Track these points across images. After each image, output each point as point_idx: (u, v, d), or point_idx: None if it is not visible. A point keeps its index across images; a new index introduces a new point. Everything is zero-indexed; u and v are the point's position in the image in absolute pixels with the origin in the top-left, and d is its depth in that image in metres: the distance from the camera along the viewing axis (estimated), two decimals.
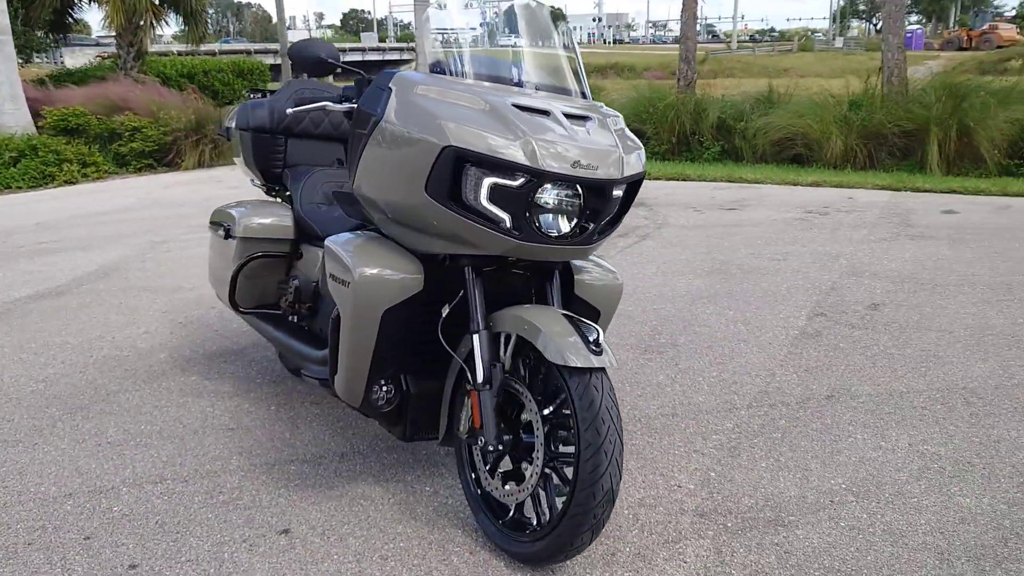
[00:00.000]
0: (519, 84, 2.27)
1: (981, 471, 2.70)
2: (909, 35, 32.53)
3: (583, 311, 2.40)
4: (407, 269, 2.28)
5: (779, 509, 2.49)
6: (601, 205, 2.17)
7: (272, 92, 3.65)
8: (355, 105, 2.43)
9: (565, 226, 2.15)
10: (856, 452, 2.85)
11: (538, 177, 2.07)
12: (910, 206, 7.60)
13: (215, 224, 3.42)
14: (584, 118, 2.22)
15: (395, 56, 51.50)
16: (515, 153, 2.05)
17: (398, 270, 2.27)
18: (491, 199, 2.08)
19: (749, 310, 4.48)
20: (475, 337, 2.23)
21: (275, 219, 3.23)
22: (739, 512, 2.48)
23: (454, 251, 2.22)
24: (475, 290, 2.25)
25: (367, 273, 2.25)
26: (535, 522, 2.22)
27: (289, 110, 2.54)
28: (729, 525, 2.41)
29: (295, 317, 3.12)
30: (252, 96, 3.74)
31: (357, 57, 46.23)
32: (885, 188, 8.71)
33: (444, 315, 2.33)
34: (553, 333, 2.09)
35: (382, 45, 58.45)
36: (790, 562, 2.22)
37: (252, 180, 3.67)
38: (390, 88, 2.23)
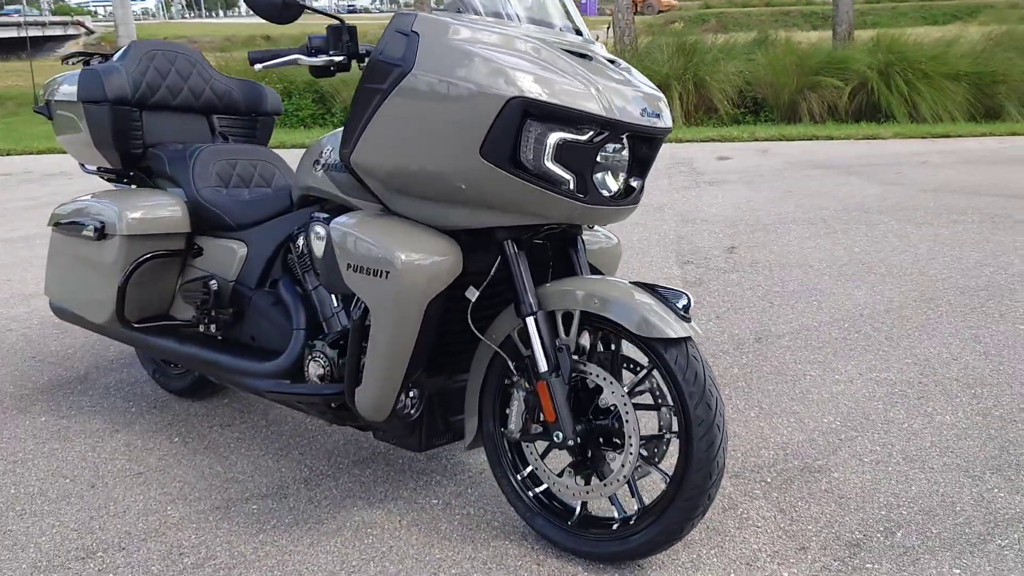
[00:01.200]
0: (511, 19, 1.97)
1: (936, 389, 2.88)
2: (584, 1, 34.43)
3: None
4: (445, 250, 1.91)
5: (802, 456, 2.46)
6: (646, 158, 1.96)
7: (106, 57, 2.95)
8: (335, 58, 1.99)
9: (613, 184, 1.91)
10: (823, 388, 2.91)
11: (611, 129, 1.81)
12: (685, 155, 8.09)
13: (68, 225, 2.71)
14: (614, 61, 1.99)
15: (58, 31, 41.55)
16: (590, 103, 1.78)
17: (438, 252, 1.89)
18: (556, 158, 1.80)
19: (622, 264, 4.46)
20: (530, 321, 1.93)
21: (166, 210, 2.62)
22: (769, 466, 2.42)
23: (497, 222, 1.89)
24: (520, 266, 1.95)
25: (412, 259, 1.86)
26: (621, 515, 1.99)
27: (258, 67, 2.02)
28: (770, 480, 2.34)
29: (212, 326, 2.56)
30: (73, 63, 3.02)
31: None
32: None
33: (473, 299, 2.00)
34: (634, 304, 1.86)
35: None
36: (851, 506, 2.20)
37: (86, 166, 2.97)
38: (415, 32, 1.83)
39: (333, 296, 2.33)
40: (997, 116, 10.48)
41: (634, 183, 1.95)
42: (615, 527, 1.97)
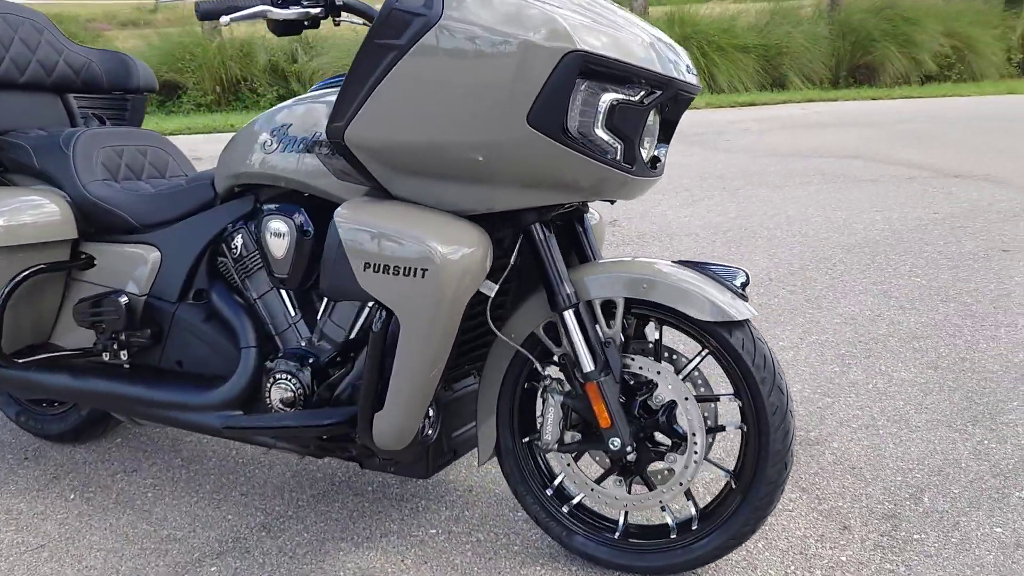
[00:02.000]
0: None
1: (878, 346, 2.92)
2: None
3: None
4: (477, 239, 1.60)
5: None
6: (674, 122, 1.76)
7: None
8: (311, 9, 1.61)
9: (646, 153, 1.69)
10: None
11: (663, 88, 1.58)
12: None
13: None
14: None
15: None
16: (648, 58, 1.54)
17: (471, 242, 1.58)
18: (606, 123, 1.55)
19: None
20: (569, 315, 1.67)
21: (41, 213, 2.07)
22: None
23: (529, 203, 1.61)
24: (552, 252, 1.68)
25: (452, 252, 1.53)
26: (677, 520, 1.79)
27: (225, 19, 1.58)
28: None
29: (122, 353, 2.07)
30: None
31: None
32: None
33: (492, 295, 1.71)
34: (689, 286, 1.66)
35: None
36: (867, 476, 2.14)
37: None
38: None
39: (288, 304, 1.94)
40: (783, 86, 11.29)
41: (660, 151, 1.74)
42: (675, 535, 1.77)
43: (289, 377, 1.86)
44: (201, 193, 2.06)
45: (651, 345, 1.76)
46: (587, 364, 1.67)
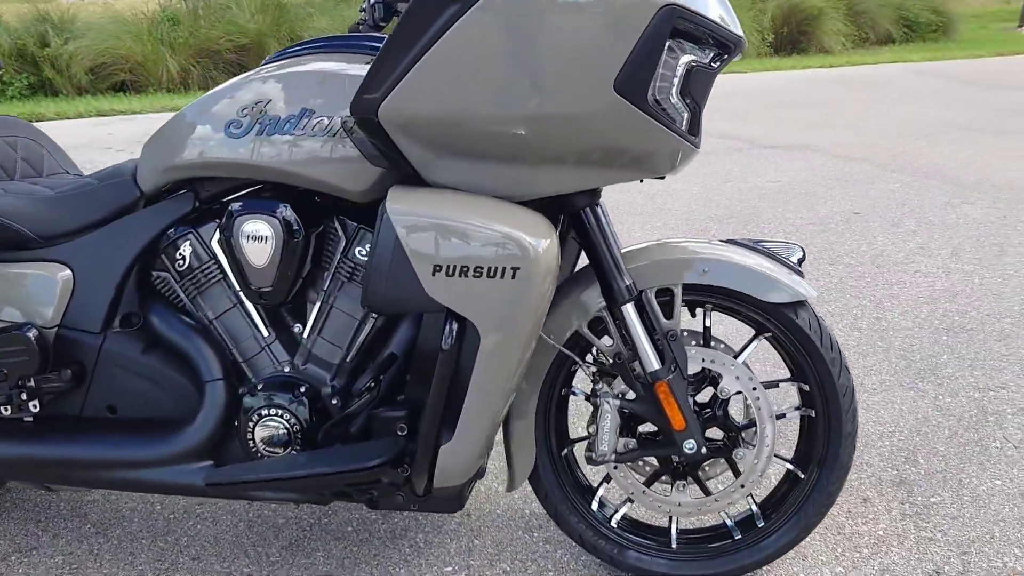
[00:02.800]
0: None
1: (827, 312, 2.96)
2: None
3: None
4: (550, 229, 1.36)
5: None
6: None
7: None
8: None
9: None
10: None
11: (732, 49, 1.42)
12: None
13: None
14: None
15: None
16: (722, 13, 1.37)
17: (547, 234, 1.34)
18: (680, 89, 1.37)
19: None
20: (629, 308, 1.48)
21: None
22: None
23: (592, 183, 1.40)
24: (606, 239, 1.48)
25: (540, 245, 1.28)
26: (736, 518, 1.65)
27: None
28: None
29: (32, 403, 1.60)
30: None
31: None
32: None
33: None
34: (749, 266, 1.53)
35: None
36: (858, 444, 2.14)
37: None
38: None
39: (257, 323, 1.59)
40: None
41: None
42: (738, 535, 1.64)
43: (280, 412, 1.52)
44: (120, 193, 1.63)
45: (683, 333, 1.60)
46: (653, 362, 1.49)
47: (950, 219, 3.96)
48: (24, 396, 1.58)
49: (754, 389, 1.55)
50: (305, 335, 1.57)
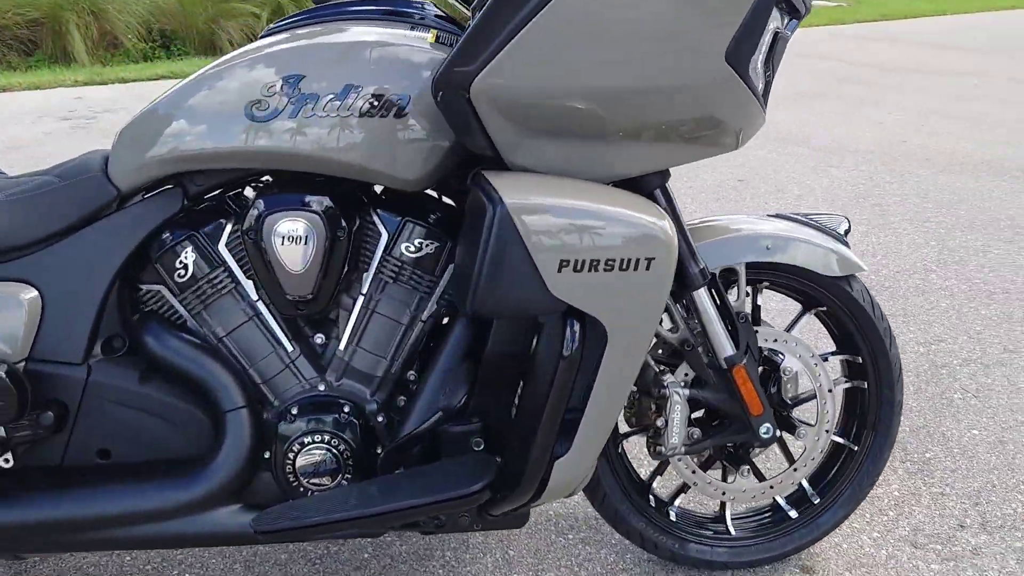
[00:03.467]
0: None
1: None
2: None
3: None
4: (663, 214, 1.24)
5: None
6: None
7: None
8: None
9: None
10: None
11: (801, 14, 1.36)
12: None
13: None
14: None
15: None
16: None
17: (665, 219, 1.22)
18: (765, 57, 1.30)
19: None
20: (701, 293, 1.40)
21: None
22: None
23: (677, 161, 1.30)
24: (680, 221, 1.39)
25: (670, 234, 1.16)
26: (786, 496, 1.62)
27: None
28: None
29: (3, 458, 1.30)
30: None
31: None
32: (46, 87, 7.41)
33: None
34: (808, 240, 1.50)
35: None
36: None
37: None
38: None
39: (280, 337, 1.37)
40: None
41: None
42: (795, 514, 1.61)
43: (325, 438, 1.32)
44: (90, 193, 1.35)
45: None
46: (727, 347, 1.42)
47: (825, 183, 4.18)
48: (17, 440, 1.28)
49: (816, 365, 1.52)
50: (341, 347, 1.37)
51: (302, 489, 1.35)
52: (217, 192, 1.39)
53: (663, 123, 1.20)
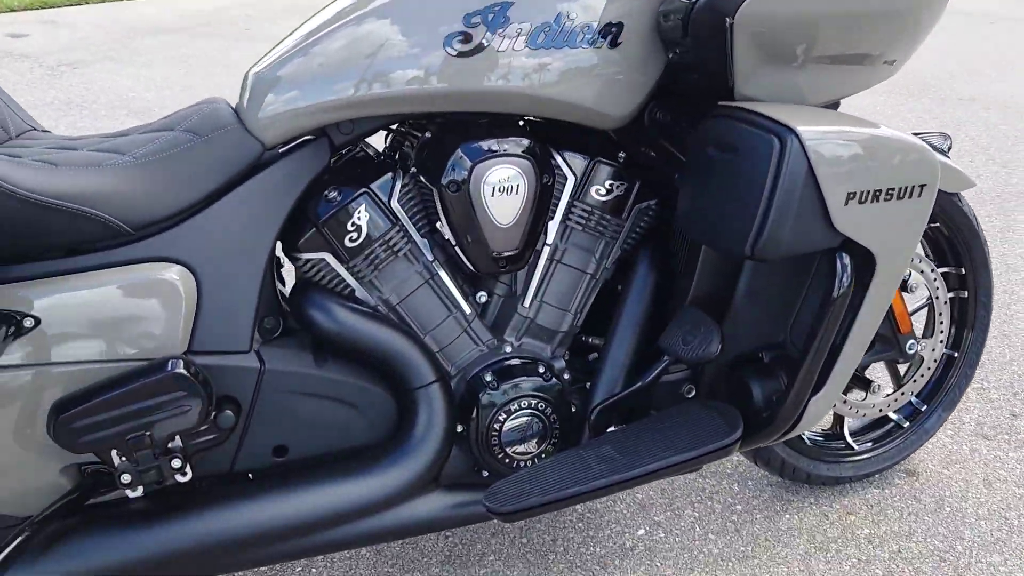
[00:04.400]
0: None
1: None
2: None
3: None
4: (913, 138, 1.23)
5: None
6: None
7: None
8: None
9: None
10: None
11: None
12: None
13: None
14: None
15: None
16: None
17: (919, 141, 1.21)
18: None
19: None
20: None
21: None
22: None
23: (869, 85, 1.29)
24: None
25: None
26: (903, 414, 1.69)
27: None
28: None
29: (183, 469, 1.09)
30: None
31: None
32: None
33: None
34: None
35: None
36: None
37: None
38: None
39: (457, 299, 1.26)
40: None
41: None
42: (907, 424, 1.69)
43: (536, 402, 1.23)
44: (232, 149, 1.15)
45: None
46: None
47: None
48: (175, 461, 1.07)
49: (935, 279, 1.57)
50: (526, 303, 1.26)
51: (507, 460, 1.24)
52: (360, 140, 1.22)
53: (898, 41, 1.18)
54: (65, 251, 1.06)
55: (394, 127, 1.28)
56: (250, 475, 1.18)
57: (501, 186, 1.14)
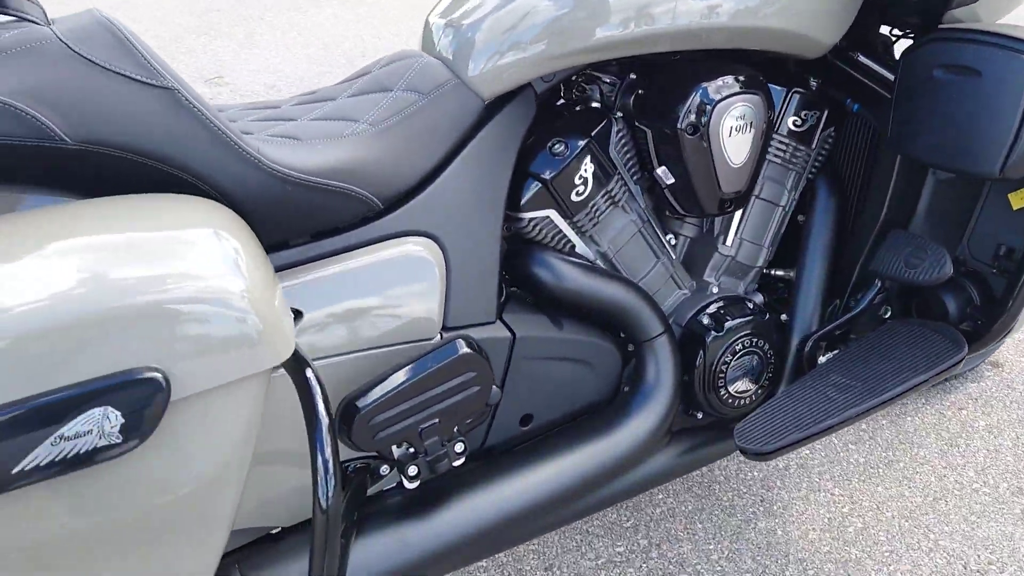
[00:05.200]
0: None
1: None
2: None
3: None
4: None
5: None
6: None
7: None
8: None
9: None
10: None
11: None
12: None
13: None
14: None
15: None
16: None
17: None
18: None
19: None
20: None
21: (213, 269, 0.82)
22: None
23: None
24: None
25: None
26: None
27: None
28: None
29: (459, 448, 1.03)
30: None
31: None
32: None
33: None
34: None
35: None
36: None
37: None
38: None
39: (664, 244, 1.24)
40: None
41: None
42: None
43: (757, 340, 1.24)
44: (458, 107, 1.07)
45: None
46: None
47: None
48: (458, 445, 1.01)
49: None
50: (728, 241, 1.26)
51: (730, 400, 1.25)
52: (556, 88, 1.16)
53: None
54: (311, 234, 0.96)
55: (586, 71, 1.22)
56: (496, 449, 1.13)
57: (737, 124, 1.11)
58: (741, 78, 1.11)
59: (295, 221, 0.92)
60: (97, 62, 0.80)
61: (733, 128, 1.11)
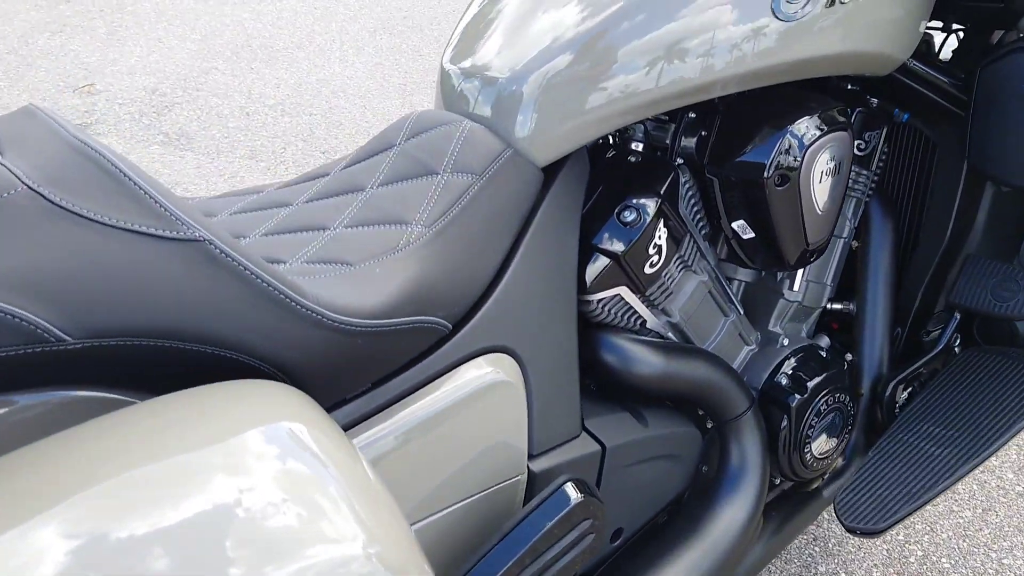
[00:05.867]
0: None
1: None
2: None
3: None
4: None
5: None
6: None
7: None
8: None
9: None
10: None
11: None
12: None
13: None
14: None
15: None
16: None
17: None
18: None
19: None
20: None
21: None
22: None
23: None
24: None
25: None
26: None
27: None
28: None
29: None
30: None
31: None
32: None
33: None
34: None
35: None
36: None
37: None
38: None
39: (727, 295, 1.08)
40: None
41: None
42: None
43: (836, 392, 1.11)
44: (519, 184, 0.87)
45: None
46: None
47: None
48: None
49: None
50: (795, 286, 1.11)
51: (815, 464, 1.12)
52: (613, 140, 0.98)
53: None
54: (372, 382, 0.75)
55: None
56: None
57: (827, 168, 0.95)
58: (828, 114, 0.96)
59: (360, 375, 0.71)
60: (89, 216, 0.56)
61: (824, 172, 0.95)
